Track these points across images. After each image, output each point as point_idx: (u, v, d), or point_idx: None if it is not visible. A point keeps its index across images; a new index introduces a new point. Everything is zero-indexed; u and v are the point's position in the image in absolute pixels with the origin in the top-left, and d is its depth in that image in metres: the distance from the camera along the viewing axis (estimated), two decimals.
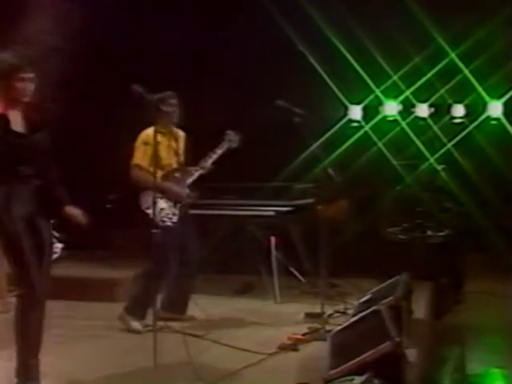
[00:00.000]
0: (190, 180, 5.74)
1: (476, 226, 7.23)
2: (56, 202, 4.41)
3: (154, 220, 5.36)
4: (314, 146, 6.10)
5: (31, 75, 4.07)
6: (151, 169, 5.27)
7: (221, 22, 7.49)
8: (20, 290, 4.20)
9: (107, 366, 4.82)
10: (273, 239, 6.73)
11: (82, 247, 7.72)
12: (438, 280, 6.64)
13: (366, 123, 7.88)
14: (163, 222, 5.52)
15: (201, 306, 5.92)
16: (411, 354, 4.40)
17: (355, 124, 7.87)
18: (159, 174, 5.53)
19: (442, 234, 7.09)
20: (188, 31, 7.49)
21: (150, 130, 5.55)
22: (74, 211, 4.53)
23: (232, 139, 5.81)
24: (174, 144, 5.72)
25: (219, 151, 5.77)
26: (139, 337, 5.39)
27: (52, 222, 7.30)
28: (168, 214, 5.58)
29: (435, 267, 6.77)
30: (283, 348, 5.08)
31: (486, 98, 7.65)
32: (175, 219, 5.59)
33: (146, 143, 5.58)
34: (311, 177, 6.72)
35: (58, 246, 7.39)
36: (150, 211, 5.43)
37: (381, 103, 7.85)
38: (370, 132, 7.86)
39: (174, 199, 5.63)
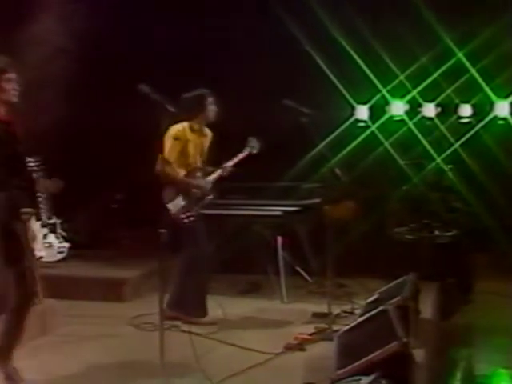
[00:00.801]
0: (210, 180, 5.81)
1: (483, 225, 7.21)
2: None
3: (174, 216, 5.46)
4: (321, 145, 6.11)
5: (15, 75, 4.10)
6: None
7: (227, 21, 7.48)
8: None
9: (115, 364, 4.84)
10: (280, 239, 6.71)
11: (88, 247, 7.76)
12: (446, 280, 6.62)
13: (373, 123, 7.86)
14: (183, 219, 5.57)
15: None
16: (418, 354, 4.39)
17: (362, 124, 7.85)
18: (183, 171, 5.61)
19: (449, 233, 7.07)
20: (194, 31, 7.49)
21: (181, 126, 5.61)
22: (46, 182, 4.51)
23: (253, 145, 5.97)
24: (202, 142, 5.78)
25: (241, 155, 5.90)
26: (146, 336, 5.40)
27: (59, 221, 7.36)
28: (187, 212, 5.61)
29: (442, 267, 6.75)
30: (290, 348, 5.08)
31: (493, 97, 7.62)
32: (193, 217, 5.62)
33: (176, 138, 5.61)
34: (318, 177, 6.72)
35: (65, 245, 7.43)
36: (171, 207, 5.50)
37: (387, 103, 7.83)
38: (377, 132, 7.84)
39: (195, 196, 5.66)
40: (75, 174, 7.49)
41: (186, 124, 5.68)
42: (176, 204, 5.60)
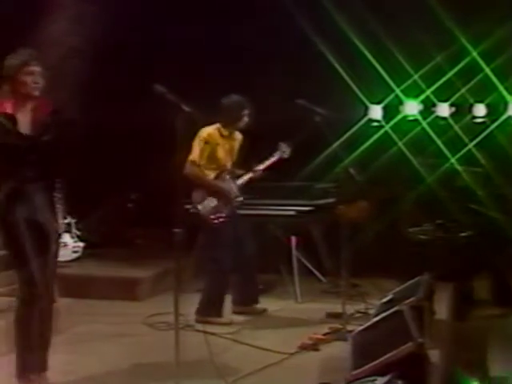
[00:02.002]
0: (239, 182, 5.88)
1: (497, 226, 7.15)
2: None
3: (203, 218, 5.50)
4: (335, 145, 6.09)
5: (39, 69, 4.05)
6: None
7: (241, 21, 7.47)
8: (22, 291, 4.13)
9: (130, 363, 4.84)
10: (293, 239, 6.71)
11: (103, 246, 7.78)
12: (461, 281, 6.59)
13: (387, 123, 7.81)
14: (212, 220, 5.59)
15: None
16: (433, 354, 4.37)
17: (376, 124, 7.81)
18: (213, 174, 5.65)
19: (463, 234, 7.03)
20: (209, 32, 7.48)
21: (211, 129, 5.67)
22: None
23: (284, 150, 6.06)
24: (232, 146, 5.83)
25: (272, 159, 6.00)
26: (161, 335, 5.41)
27: (74, 221, 7.38)
28: (217, 213, 5.62)
29: (457, 268, 6.71)
30: (304, 348, 5.08)
31: (508, 97, 7.57)
32: (223, 218, 5.67)
33: (206, 142, 5.67)
34: (332, 176, 6.69)
35: (80, 245, 7.45)
36: (200, 208, 5.53)
37: (401, 103, 7.78)
38: (391, 131, 7.80)
39: (223, 198, 5.72)
40: (91, 173, 7.54)
41: (216, 128, 5.75)
42: (206, 205, 5.64)
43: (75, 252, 7.37)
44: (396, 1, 7.11)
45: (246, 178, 5.91)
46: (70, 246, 7.32)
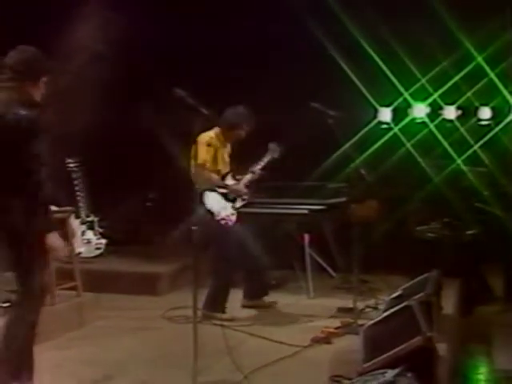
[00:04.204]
0: (243, 183, 5.87)
1: (503, 226, 7.09)
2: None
3: (216, 219, 5.51)
4: (346, 146, 6.06)
5: (48, 80, 3.96)
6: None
7: (255, 26, 7.42)
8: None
9: (149, 355, 4.84)
10: (306, 236, 6.68)
11: (124, 243, 7.78)
12: (467, 277, 6.54)
13: (396, 125, 7.78)
14: (224, 220, 5.61)
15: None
16: (441, 348, 4.33)
17: (385, 126, 7.78)
18: (217, 177, 5.66)
19: (469, 232, 6.98)
20: (223, 36, 7.45)
21: (211, 133, 5.72)
22: (56, 243, 3.85)
23: (274, 150, 5.99)
24: (226, 152, 5.89)
25: (265, 159, 5.95)
26: (180, 328, 5.40)
27: (97, 219, 7.39)
28: (228, 213, 5.64)
29: (463, 264, 6.67)
30: (317, 341, 5.04)
31: (511, 100, 7.51)
32: (234, 218, 5.69)
33: (209, 144, 5.68)
34: (343, 177, 6.67)
35: (103, 242, 7.46)
36: (213, 210, 5.52)
37: (410, 106, 7.75)
38: (399, 133, 7.76)
39: (233, 198, 5.73)
40: (112, 174, 7.56)
41: (214, 132, 5.76)
42: (215, 206, 5.63)
43: (98, 249, 7.37)
44: (405, 9, 7.07)
45: (246, 179, 5.89)
46: (93, 242, 7.34)
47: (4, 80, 3.81)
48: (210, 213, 5.61)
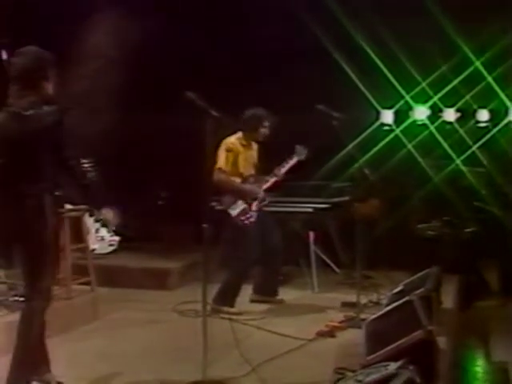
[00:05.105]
0: (265, 186, 5.89)
1: (500, 225, 7.08)
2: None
3: (235, 220, 5.53)
4: (350, 147, 6.05)
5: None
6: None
7: (260, 31, 7.40)
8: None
9: (160, 348, 4.86)
10: (311, 234, 6.69)
11: (137, 240, 7.80)
12: (466, 273, 6.53)
13: (397, 127, 7.78)
14: (242, 221, 5.63)
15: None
16: (441, 341, 4.33)
17: (387, 127, 7.78)
18: (238, 180, 5.67)
19: (468, 230, 6.97)
20: (232, 42, 7.45)
21: (233, 139, 5.76)
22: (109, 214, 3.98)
23: (301, 152, 6.00)
24: (251, 155, 5.90)
25: (291, 162, 5.96)
26: (190, 321, 5.41)
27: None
28: (247, 214, 5.67)
29: (462, 261, 6.66)
30: (322, 334, 5.06)
31: (508, 103, 7.50)
32: (253, 219, 5.70)
33: (228, 150, 5.72)
34: (347, 176, 6.68)
35: (116, 238, 7.47)
36: (232, 212, 5.61)
37: (411, 108, 7.74)
38: (401, 135, 7.76)
39: (250, 200, 5.75)
40: (125, 174, 7.57)
41: (237, 137, 5.80)
42: (236, 208, 5.65)
43: (111, 245, 7.39)
44: (406, 14, 7.06)
45: (271, 181, 5.92)
46: (106, 239, 7.35)
47: (20, 88, 3.77)
48: (228, 213, 5.63)
